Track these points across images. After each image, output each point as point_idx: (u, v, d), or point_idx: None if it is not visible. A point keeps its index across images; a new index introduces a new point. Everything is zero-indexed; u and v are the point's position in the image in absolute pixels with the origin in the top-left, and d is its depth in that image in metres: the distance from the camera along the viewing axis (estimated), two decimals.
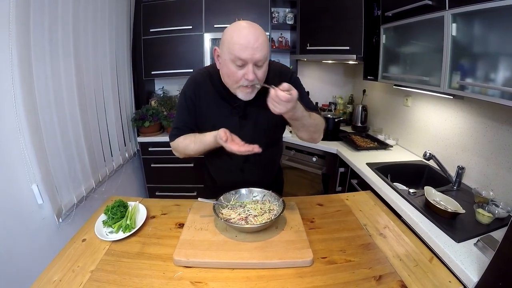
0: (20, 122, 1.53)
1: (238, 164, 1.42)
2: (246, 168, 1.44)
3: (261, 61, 1.13)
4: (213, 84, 1.33)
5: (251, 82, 1.15)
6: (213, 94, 1.32)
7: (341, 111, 3.48)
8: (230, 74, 1.17)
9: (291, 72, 1.40)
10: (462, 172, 1.75)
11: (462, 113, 1.89)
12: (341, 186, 2.55)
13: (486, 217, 1.35)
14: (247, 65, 1.12)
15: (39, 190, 1.66)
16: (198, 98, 1.34)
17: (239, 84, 1.17)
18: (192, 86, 1.35)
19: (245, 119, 1.33)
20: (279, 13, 3.34)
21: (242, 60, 1.11)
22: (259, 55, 1.11)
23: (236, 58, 1.11)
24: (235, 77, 1.16)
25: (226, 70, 1.18)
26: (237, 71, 1.14)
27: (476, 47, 1.43)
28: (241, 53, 1.10)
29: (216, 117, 1.33)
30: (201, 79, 1.35)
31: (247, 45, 1.09)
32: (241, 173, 1.45)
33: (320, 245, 1.19)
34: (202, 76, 1.36)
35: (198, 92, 1.34)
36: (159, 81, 3.48)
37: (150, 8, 2.98)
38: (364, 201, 1.57)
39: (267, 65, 1.20)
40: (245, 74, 1.14)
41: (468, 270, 1.09)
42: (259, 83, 1.17)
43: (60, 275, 1.04)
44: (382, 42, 2.21)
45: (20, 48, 1.50)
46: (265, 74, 1.20)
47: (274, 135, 1.44)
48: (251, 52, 1.10)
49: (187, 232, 1.24)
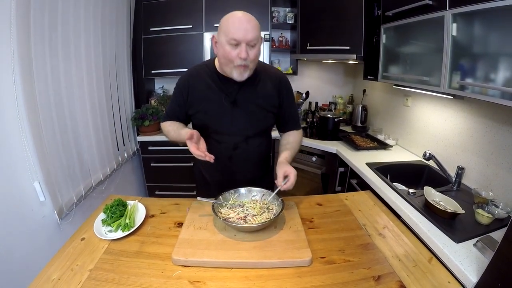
0: (21, 121, 1.53)
1: (227, 151, 1.46)
2: (234, 156, 1.48)
3: (253, 41, 1.24)
4: (207, 75, 1.43)
5: (244, 61, 1.25)
6: (207, 83, 1.42)
7: (341, 110, 3.48)
8: (226, 54, 1.26)
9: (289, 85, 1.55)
10: (461, 172, 1.75)
11: (462, 113, 1.89)
12: (340, 186, 2.55)
13: (486, 217, 1.35)
14: (240, 45, 1.23)
15: (41, 188, 1.66)
16: (192, 88, 1.43)
17: (234, 63, 1.26)
18: (186, 78, 1.46)
19: (235, 106, 1.40)
20: (279, 12, 3.34)
21: (236, 40, 1.22)
22: (251, 35, 1.22)
23: (231, 39, 1.22)
24: (230, 56, 1.25)
25: (223, 52, 1.27)
26: (232, 51, 1.24)
27: (476, 47, 1.42)
28: (235, 34, 1.22)
29: (209, 104, 1.41)
30: (196, 72, 1.46)
31: (240, 27, 1.22)
32: (229, 162, 1.49)
33: (319, 245, 1.19)
34: (196, 68, 1.47)
35: (192, 83, 1.43)
36: (159, 80, 3.48)
37: (150, 7, 2.97)
38: (363, 201, 1.57)
39: (259, 48, 1.31)
40: (239, 53, 1.23)
41: (467, 270, 1.09)
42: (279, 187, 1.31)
43: (59, 273, 1.04)
44: (382, 42, 2.21)
45: (21, 47, 1.49)
46: (257, 56, 1.30)
47: (264, 125, 1.50)
48: (244, 33, 1.21)
49: (186, 231, 1.24)
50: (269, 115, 1.47)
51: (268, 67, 1.54)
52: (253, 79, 1.40)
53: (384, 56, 2.23)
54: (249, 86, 1.40)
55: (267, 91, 1.44)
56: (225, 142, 1.43)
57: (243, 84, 1.38)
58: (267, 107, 1.44)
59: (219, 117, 1.41)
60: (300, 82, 3.64)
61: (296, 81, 3.62)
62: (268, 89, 1.44)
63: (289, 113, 1.55)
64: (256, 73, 1.40)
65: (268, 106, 1.44)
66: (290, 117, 1.57)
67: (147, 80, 3.25)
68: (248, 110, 1.42)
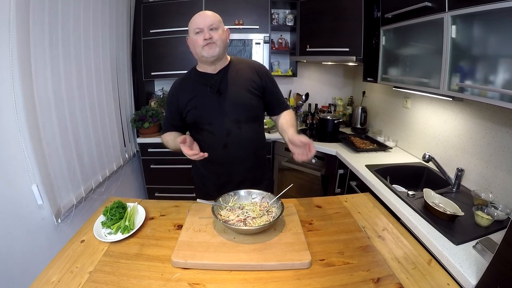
0: (20, 123, 1.53)
1: (221, 139, 1.54)
2: (229, 143, 1.55)
3: (213, 25, 1.43)
4: (190, 77, 1.61)
5: (207, 41, 1.42)
6: (191, 84, 1.58)
7: (340, 112, 3.48)
8: (194, 43, 1.46)
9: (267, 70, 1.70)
10: (461, 174, 1.75)
11: (462, 115, 1.89)
12: (340, 188, 2.55)
13: (485, 219, 1.35)
14: (203, 30, 1.42)
15: (39, 191, 1.66)
16: (179, 93, 1.60)
17: (201, 45, 1.43)
18: (172, 88, 1.65)
19: (220, 95, 1.52)
20: (279, 14, 3.34)
21: (198, 28, 1.43)
22: (209, 20, 1.43)
23: (195, 28, 1.43)
24: (197, 42, 1.44)
25: (192, 42, 1.47)
26: (197, 38, 1.44)
27: (476, 49, 1.43)
28: (197, 24, 1.43)
29: (197, 99, 1.54)
30: (179, 80, 1.65)
31: (199, 17, 1.44)
32: (225, 149, 1.55)
33: (319, 247, 1.20)
34: (180, 78, 1.66)
35: (178, 89, 1.61)
36: (159, 82, 3.49)
37: (150, 9, 2.98)
38: (363, 203, 1.57)
39: (223, 31, 1.48)
40: (203, 36, 1.42)
41: (466, 272, 1.09)
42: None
43: (59, 276, 1.04)
44: (382, 44, 2.21)
45: (20, 49, 1.50)
46: (221, 36, 1.46)
47: (253, 111, 1.59)
48: (203, 20, 1.43)
49: (186, 233, 1.24)
50: (254, 98, 1.56)
51: (243, 59, 1.70)
52: (231, 69, 1.56)
53: (384, 58, 2.23)
54: (229, 75, 1.55)
55: (247, 76, 1.57)
56: (218, 130, 1.53)
57: (223, 75, 1.54)
58: (250, 89, 1.55)
59: (208, 108, 1.53)
60: (299, 84, 3.64)
61: (295, 83, 3.63)
62: (247, 74, 1.57)
63: (275, 95, 1.67)
64: (233, 64, 1.58)
65: (250, 88, 1.55)
66: (277, 99, 1.68)
67: (147, 82, 3.25)
68: (233, 95, 1.53)
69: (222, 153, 1.56)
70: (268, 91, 1.62)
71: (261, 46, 3.00)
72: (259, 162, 1.70)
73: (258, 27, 2.97)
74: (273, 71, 3.39)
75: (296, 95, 3.60)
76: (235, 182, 1.60)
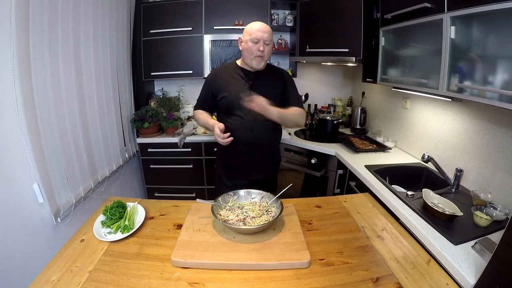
0: (21, 122, 1.53)
1: (248, 123, 1.83)
2: (255, 127, 1.83)
3: (267, 41, 1.75)
4: (230, 69, 1.91)
5: (261, 53, 1.74)
6: (229, 74, 1.88)
7: (340, 113, 3.48)
8: (249, 49, 1.76)
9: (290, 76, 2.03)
10: (460, 174, 1.75)
11: (461, 115, 1.90)
12: (339, 188, 2.55)
13: (484, 219, 1.36)
14: (259, 42, 1.73)
15: (40, 189, 1.66)
16: (215, 79, 1.90)
17: (254, 54, 1.75)
18: (211, 74, 1.99)
19: (252, 89, 1.81)
20: (278, 15, 3.34)
21: (257, 38, 1.73)
22: (266, 35, 1.74)
23: (254, 38, 1.73)
24: (252, 50, 1.75)
25: (246, 47, 1.77)
26: (253, 46, 1.74)
27: (475, 49, 1.43)
28: (256, 34, 1.73)
29: (231, 88, 1.83)
30: (218, 68, 2.07)
31: (259, 29, 1.74)
32: (251, 132, 1.83)
33: (318, 247, 1.20)
34: (221, 66, 2.12)
35: (215, 76, 1.92)
36: (158, 82, 3.49)
37: (150, 9, 2.98)
38: (362, 203, 1.58)
39: (271, 47, 1.82)
40: (258, 47, 1.73)
41: (465, 272, 1.09)
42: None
43: (59, 275, 1.04)
44: (381, 45, 2.22)
45: (19, 49, 1.50)
46: (269, 52, 1.80)
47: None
48: (262, 34, 1.73)
49: (185, 233, 1.24)
50: (277, 97, 1.85)
51: (274, 66, 2.05)
52: (266, 71, 1.89)
53: (383, 59, 2.24)
54: (262, 76, 1.86)
55: (274, 79, 1.92)
56: (247, 116, 1.80)
57: (258, 74, 1.85)
58: (274, 90, 1.88)
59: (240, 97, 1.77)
60: (299, 84, 3.59)
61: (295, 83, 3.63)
62: (275, 78, 1.93)
63: (291, 94, 1.95)
64: (268, 68, 1.91)
65: (275, 89, 1.89)
66: (293, 97, 1.95)
67: (146, 82, 3.25)
68: (262, 91, 1.77)
69: (248, 135, 1.83)
70: (286, 91, 1.93)
71: None
72: (275, 149, 2.07)
73: None
74: None
75: None
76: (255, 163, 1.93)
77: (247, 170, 1.94)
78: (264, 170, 1.99)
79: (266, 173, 2.00)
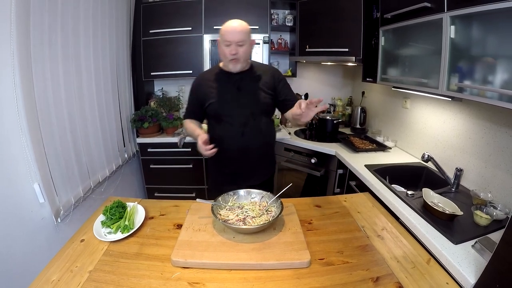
0: (21, 122, 1.54)
1: (239, 128, 1.73)
2: (246, 132, 1.73)
3: (241, 42, 1.60)
4: (213, 73, 1.80)
5: (233, 56, 1.61)
6: (213, 79, 1.77)
7: (340, 112, 3.48)
8: (222, 52, 1.65)
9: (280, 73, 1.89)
10: (460, 174, 1.75)
11: (461, 115, 1.90)
12: (339, 187, 2.55)
13: (484, 219, 1.36)
14: (231, 45, 1.60)
15: (41, 189, 1.66)
16: (199, 86, 1.81)
17: (228, 58, 1.63)
18: (197, 80, 1.85)
19: (240, 91, 1.73)
20: (278, 15, 3.35)
21: (228, 41, 1.60)
22: (238, 36, 1.59)
23: (225, 40, 1.61)
24: (225, 53, 1.63)
25: (221, 51, 1.66)
26: (226, 49, 1.62)
27: (475, 49, 1.43)
28: (227, 36, 1.60)
29: (218, 93, 1.74)
30: (201, 75, 1.89)
31: (230, 31, 1.60)
32: (242, 137, 1.74)
33: (318, 247, 1.20)
34: (205, 71, 1.95)
35: (202, 81, 1.81)
36: (158, 82, 3.49)
37: (150, 9, 2.98)
38: (362, 203, 1.58)
39: (247, 47, 1.66)
40: (230, 50, 1.60)
41: (465, 271, 1.09)
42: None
43: (59, 275, 1.04)
44: (381, 44, 2.22)
45: (20, 49, 1.50)
46: (245, 52, 1.65)
47: (266, 107, 1.80)
48: (233, 36, 1.59)
49: (185, 233, 1.24)
50: (267, 96, 1.76)
51: (262, 64, 1.97)
52: (251, 71, 1.77)
53: (383, 58, 2.24)
54: (249, 76, 1.76)
55: (263, 77, 1.78)
56: (236, 121, 1.72)
57: (243, 75, 1.74)
58: (264, 88, 1.75)
59: (228, 102, 1.73)
60: (299, 84, 3.64)
61: (295, 83, 3.63)
62: (263, 76, 1.78)
63: (285, 93, 1.82)
64: (252, 67, 1.79)
65: (265, 88, 1.75)
66: (288, 97, 1.82)
67: (146, 82, 3.25)
68: (250, 92, 1.74)
69: (239, 141, 1.74)
70: (279, 89, 1.80)
71: (260, 47, 3.00)
72: (268, 152, 1.93)
73: (258, 28, 2.97)
74: None
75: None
76: (247, 168, 1.82)
77: (240, 176, 1.81)
78: (258, 176, 1.87)
79: (261, 178, 1.88)
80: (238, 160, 1.79)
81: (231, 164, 1.82)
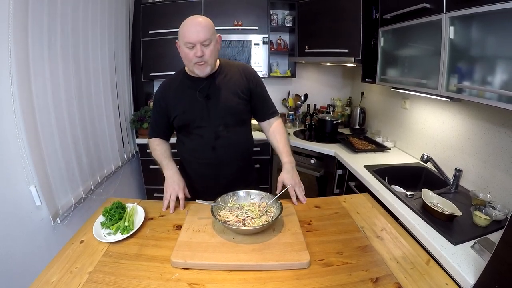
0: (18, 124, 1.53)
1: (209, 142, 1.55)
2: (217, 146, 1.55)
3: (206, 41, 1.38)
4: (179, 80, 1.59)
5: (199, 59, 1.39)
6: (179, 87, 1.57)
7: (339, 113, 3.49)
8: (185, 56, 1.43)
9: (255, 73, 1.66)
10: (459, 174, 1.76)
11: (460, 115, 1.90)
12: (338, 188, 2.55)
13: (483, 219, 1.36)
14: (195, 46, 1.37)
15: (37, 192, 1.65)
16: (167, 96, 1.59)
17: (193, 62, 1.41)
18: (160, 89, 1.63)
19: (209, 100, 1.52)
20: (278, 15, 3.35)
21: (190, 42, 1.37)
22: (203, 35, 1.36)
23: (187, 42, 1.38)
24: (188, 57, 1.41)
25: (183, 54, 1.44)
26: (189, 52, 1.39)
27: (474, 50, 1.44)
28: (189, 38, 1.36)
29: (185, 103, 1.54)
30: (167, 81, 1.64)
31: (192, 30, 1.36)
32: (213, 152, 1.56)
33: (317, 247, 1.20)
34: (170, 78, 1.65)
35: (166, 91, 1.60)
36: (157, 83, 3.45)
37: (149, 9, 2.98)
38: (361, 204, 1.57)
39: (214, 45, 1.43)
40: (195, 53, 1.38)
41: (464, 272, 1.10)
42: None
43: (58, 276, 1.04)
44: (380, 45, 2.22)
45: (18, 49, 1.50)
46: (213, 52, 1.43)
47: (240, 115, 1.60)
48: (196, 35, 1.35)
49: (185, 234, 1.24)
50: (241, 102, 1.57)
51: (232, 62, 1.68)
52: (221, 73, 1.55)
53: (382, 59, 2.24)
54: (218, 80, 1.53)
55: (235, 79, 1.56)
56: (207, 134, 1.54)
57: (212, 80, 1.52)
58: (238, 93, 1.55)
59: (196, 112, 1.52)
60: (298, 84, 3.65)
61: (294, 84, 3.64)
62: (235, 77, 1.57)
63: (262, 98, 1.65)
64: (222, 68, 1.56)
65: (238, 92, 1.55)
66: (263, 103, 1.67)
67: (146, 82, 3.25)
68: (221, 100, 1.52)
69: (210, 155, 1.57)
70: (255, 94, 1.61)
71: (260, 47, 3.00)
72: (245, 164, 1.72)
73: (257, 28, 2.98)
74: (272, 72, 3.40)
75: (295, 96, 3.61)
76: (222, 183, 1.60)
77: (214, 193, 1.41)
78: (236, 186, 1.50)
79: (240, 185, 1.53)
80: (209, 176, 1.63)
81: (202, 181, 1.66)
